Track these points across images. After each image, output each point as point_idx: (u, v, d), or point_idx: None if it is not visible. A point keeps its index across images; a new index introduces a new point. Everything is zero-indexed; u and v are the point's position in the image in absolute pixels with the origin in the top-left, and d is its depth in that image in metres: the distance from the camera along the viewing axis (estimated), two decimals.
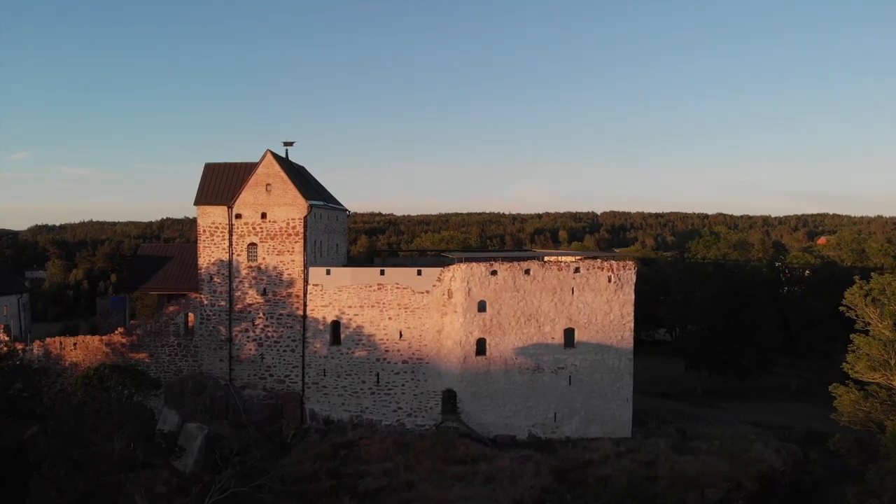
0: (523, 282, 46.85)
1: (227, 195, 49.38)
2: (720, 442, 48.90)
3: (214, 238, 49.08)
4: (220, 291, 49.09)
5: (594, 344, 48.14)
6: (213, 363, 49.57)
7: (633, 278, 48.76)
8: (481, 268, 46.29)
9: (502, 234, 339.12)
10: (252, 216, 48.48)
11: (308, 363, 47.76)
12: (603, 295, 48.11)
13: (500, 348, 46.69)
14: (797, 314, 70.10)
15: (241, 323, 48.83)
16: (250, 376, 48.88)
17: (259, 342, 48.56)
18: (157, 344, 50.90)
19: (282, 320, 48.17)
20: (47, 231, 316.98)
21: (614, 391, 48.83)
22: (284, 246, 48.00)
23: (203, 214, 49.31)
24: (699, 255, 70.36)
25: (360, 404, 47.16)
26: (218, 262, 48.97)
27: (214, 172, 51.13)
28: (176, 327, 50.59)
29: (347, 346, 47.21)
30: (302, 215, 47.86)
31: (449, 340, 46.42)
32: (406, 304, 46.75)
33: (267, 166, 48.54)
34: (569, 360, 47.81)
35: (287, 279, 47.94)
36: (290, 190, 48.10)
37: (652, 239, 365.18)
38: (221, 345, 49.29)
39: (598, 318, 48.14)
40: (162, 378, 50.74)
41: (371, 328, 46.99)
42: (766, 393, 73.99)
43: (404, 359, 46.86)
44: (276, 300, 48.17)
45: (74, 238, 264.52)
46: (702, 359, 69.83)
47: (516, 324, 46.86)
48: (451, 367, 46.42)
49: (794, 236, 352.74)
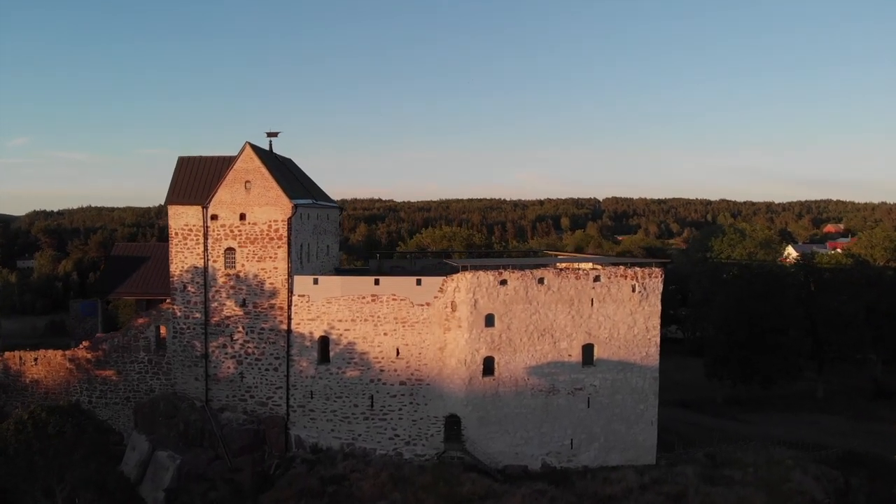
0: (536, 292, 41.35)
1: (202, 193, 43.74)
2: (755, 469, 43.86)
3: (188, 242, 43.51)
4: (195, 302, 43.60)
5: (616, 361, 42.79)
6: (187, 382, 44.20)
7: (660, 287, 43.35)
8: (489, 277, 40.76)
9: (503, 222, 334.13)
10: (229, 217, 42.87)
11: (293, 384, 42.36)
12: (626, 306, 42.69)
13: (510, 368, 41.30)
14: (827, 318, 64.91)
15: (219, 337, 43.38)
16: (229, 397, 43.52)
17: (238, 359, 43.15)
18: (126, 360, 45.50)
19: (263, 335, 42.72)
20: (45, 217, 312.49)
21: (637, 414, 43.59)
22: (266, 251, 42.43)
23: (175, 215, 43.72)
24: (723, 253, 64.87)
25: (352, 431, 41.81)
26: (192, 268, 43.44)
27: (188, 167, 45.44)
28: (146, 341, 45.14)
29: (337, 365, 41.79)
30: (285, 216, 42.25)
31: (452, 359, 41.00)
32: (404, 317, 41.27)
33: (246, 161, 42.84)
34: (587, 379, 42.49)
35: (269, 289, 42.41)
36: (271, 188, 42.44)
37: (656, 226, 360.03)
38: (196, 362, 43.89)
39: (620, 332, 42.75)
40: (132, 397, 45.70)
41: (364, 345, 41.54)
42: (790, 402, 68.96)
43: (402, 380, 41.46)
44: (257, 312, 42.68)
45: (71, 225, 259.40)
46: (724, 366, 64.68)
47: (528, 340, 41.43)
48: (454, 389, 41.03)
49: (800, 223, 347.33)
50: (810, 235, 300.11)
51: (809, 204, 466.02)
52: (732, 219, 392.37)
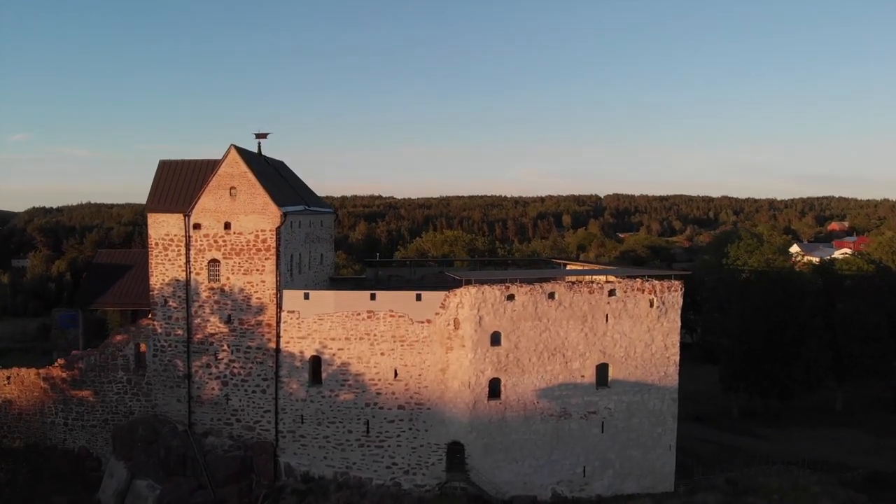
0: (547, 308, 38.02)
1: (185, 200, 40.40)
2: (780, 497, 40.71)
3: (169, 253, 40.19)
4: (177, 318, 40.30)
5: (632, 382, 39.51)
6: (169, 404, 40.94)
7: (680, 301, 40.04)
8: (495, 291, 37.42)
9: (505, 219, 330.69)
10: (213, 226, 39.53)
11: (282, 407, 39.07)
12: (643, 322, 39.39)
13: (517, 390, 38.00)
14: (848, 328, 61.63)
15: (202, 356, 40.08)
16: (213, 421, 40.23)
17: (223, 380, 39.85)
18: (103, 380, 42.29)
19: (250, 354, 39.41)
20: (44, 214, 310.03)
21: (655, 438, 40.33)
22: (252, 263, 39.08)
23: (155, 224, 40.39)
24: (740, 260, 61.55)
25: (347, 459, 38.51)
26: (173, 282, 40.12)
27: (169, 172, 42.10)
28: (124, 360, 41.89)
29: (330, 388, 38.48)
30: (273, 226, 38.90)
31: (455, 381, 37.70)
32: (402, 335, 37.94)
33: (231, 165, 39.47)
34: (601, 402, 39.21)
35: (256, 304, 39.10)
36: (258, 194, 39.08)
37: (658, 223, 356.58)
38: (179, 382, 40.60)
39: (637, 350, 39.46)
40: (110, 420, 42.50)
41: (359, 365, 38.22)
42: (808, 415, 65.79)
43: (400, 403, 38.15)
44: (244, 330, 39.36)
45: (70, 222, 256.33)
46: (741, 378, 61.46)
47: (538, 360, 38.12)
48: (457, 413, 37.74)
49: (804, 221, 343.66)
50: (815, 234, 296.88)
51: (812, 201, 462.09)
52: (734, 216, 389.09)
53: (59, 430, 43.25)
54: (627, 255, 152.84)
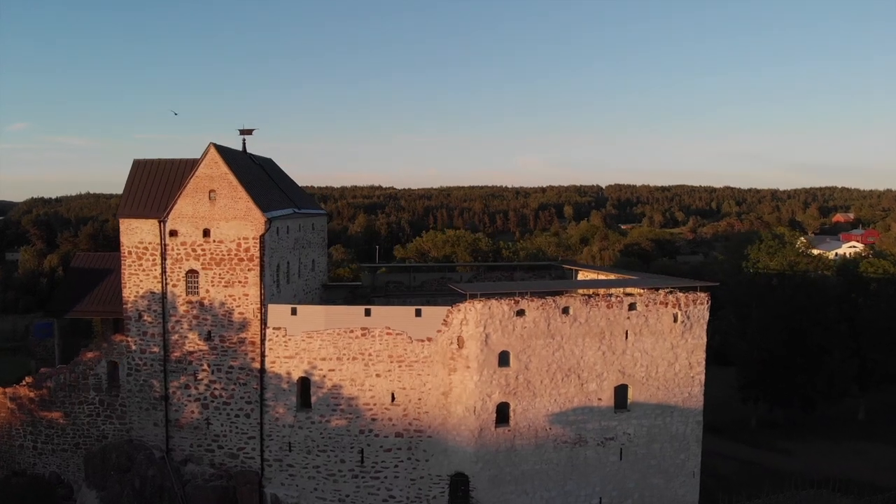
0: (560, 324, 34.31)
1: (160, 204, 36.63)
2: None
3: (143, 262, 36.44)
4: (152, 334, 36.62)
5: (654, 405, 35.91)
6: (145, 427, 37.33)
7: (706, 316, 36.39)
8: (503, 306, 33.69)
9: (506, 210, 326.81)
10: (191, 233, 35.76)
11: (268, 433, 35.45)
12: (666, 339, 35.72)
13: (528, 415, 34.36)
14: (874, 334, 57.99)
15: (180, 376, 36.42)
16: (193, 447, 36.64)
17: (203, 402, 36.22)
18: (74, 400, 38.63)
19: (233, 375, 35.75)
20: (43, 204, 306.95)
21: (678, 465, 36.80)
22: (234, 275, 35.34)
23: (128, 230, 36.63)
24: (761, 263, 57.81)
25: (339, 491, 34.89)
26: (148, 294, 36.41)
27: (144, 173, 38.29)
28: (96, 379, 38.21)
29: (320, 413, 34.82)
30: (257, 233, 35.13)
31: (459, 406, 34.04)
32: (400, 355, 34.25)
33: (210, 166, 35.63)
34: (620, 427, 35.61)
35: (238, 320, 35.39)
36: (241, 198, 35.28)
37: (660, 214, 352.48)
38: (155, 404, 36.97)
39: (659, 370, 35.82)
40: (82, 444, 38.92)
41: (352, 388, 34.55)
42: (830, 426, 62.22)
43: (398, 430, 34.51)
44: (225, 348, 35.68)
45: (68, 213, 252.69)
46: (761, 388, 57.92)
47: (551, 382, 34.46)
48: (461, 441, 34.10)
49: (808, 213, 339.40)
50: (820, 226, 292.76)
51: (814, 191, 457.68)
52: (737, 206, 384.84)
53: (28, 454, 39.67)
54: (631, 249, 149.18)
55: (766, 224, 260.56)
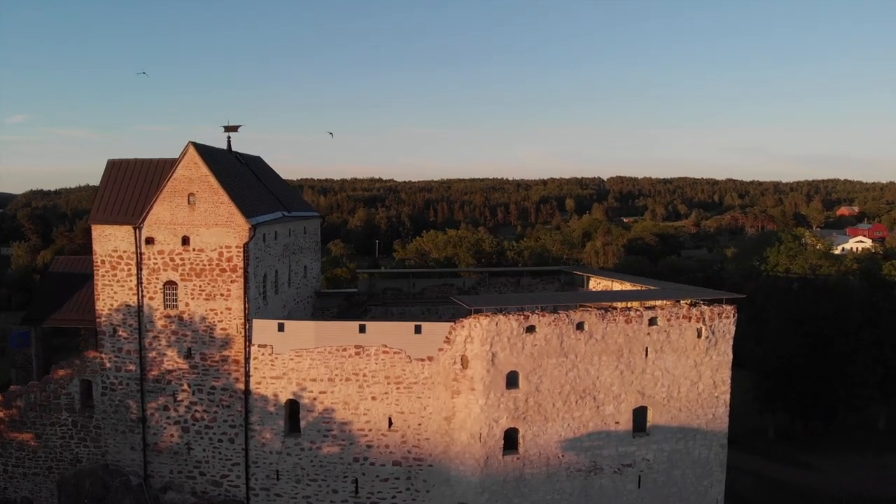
0: (575, 342, 31.23)
1: (136, 209, 33.47)
2: None
3: (117, 273, 33.31)
4: (128, 350, 33.54)
5: (675, 428, 32.90)
6: (121, 451, 34.30)
7: (732, 330, 33.36)
8: (511, 322, 30.59)
9: (507, 203, 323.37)
10: (168, 241, 32.62)
11: (254, 460, 32.42)
12: (689, 356, 32.68)
13: (539, 442, 31.32)
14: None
15: (158, 397, 33.37)
16: (174, 473, 33.62)
17: (184, 426, 33.18)
18: (45, 421, 35.57)
19: (215, 396, 32.69)
20: (42, 197, 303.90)
21: (700, 492, 33.83)
22: (216, 287, 32.22)
23: (101, 238, 33.48)
24: (780, 266, 54.69)
25: None
26: (123, 307, 33.31)
27: (118, 174, 35.11)
28: (69, 399, 35.15)
29: (311, 438, 31.77)
30: (241, 241, 31.98)
31: (463, 432, 30.99)
32: (398, 376, 31.17)
33: (189, 167, 32.43)
34: (638, 452, 32.61)
35: (220, 336, 32.30)
36: (222, 203, 32.11)
37: (663, 207, 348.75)
38: (132, 427, 33.93)
39: (681, 390, 32.79)
40: (55, 468, 35.91)
41: (346, 412, 31.48)
42: (850, 436, 59.31)
43: (396, 458, 31.48)
44: (206, 366, 32.60)
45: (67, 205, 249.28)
46: (780, 398, 54.95)
47: (564, 404, 31.41)
48: (465, 471, 31.08)
49: (812, 206, 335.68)
50: (825, 219, 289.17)
51: (817, 184, 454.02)
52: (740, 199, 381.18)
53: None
54: (635, 244, 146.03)
55: (771, 217, 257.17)
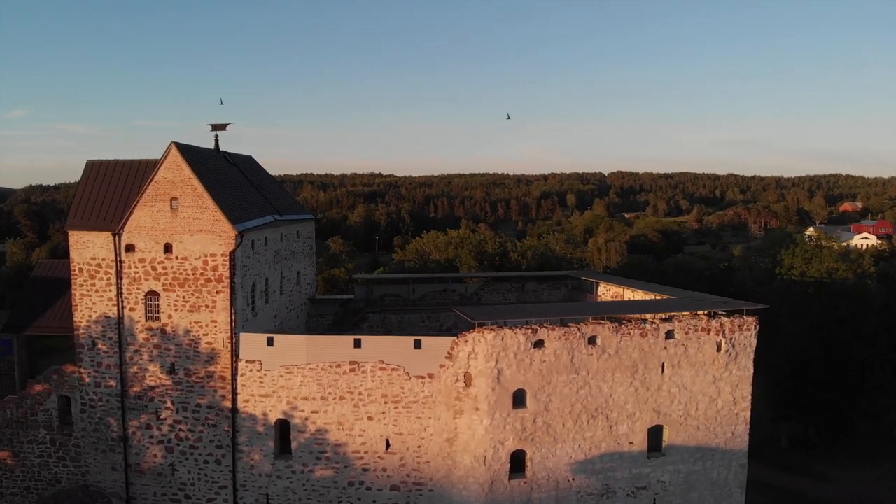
0: (586, 357, 29.06)
1: (115, 214, 31.27)
2: None
3: (96, 282, 31.16)
4: (108, 365, 31.40)
5: (692, 448, 30.77)
6: (102, 472, 32.22)
7: (753, 343, 31.17)
8: (518, 336, 28.42)
9: (508, 199, 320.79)
10: (150, 249, 30.43)
11: (242, 483, 30.32)
12: (708, 371, 30.51)
13: (548, 464, 29.19)
14: None
15: (140, 415, 31.25)
16: (157, 496, 31.53)
17: (167, 445, 31.07)
18: (22, 439, 33.48)
19: (200, 414, 30.57)
20: (42, 191, 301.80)
21: None
22: (200, 298, 30.05)
23: (78, 244, 31.33)
24: (796, 269, 52.48)
25: None
26: (102, 318, 31.16)
27: (97, 176, 32.89)
28: (46, 416, 33.04)
29: (303, 461, 29.65)
30: (227, 249, 29.79)
31: (466, 455, 28.86)
32: (396, 395, 29.03)
33: (171, 170, 30.20)
34: (654, 474, 30.50)
35: (206, 351, 30.15)
36: (207, 208, 29.90)
37: (664, 203, 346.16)
38: (113, 446, 31.84)
39: (699, 407, 30.64)
40: (33, 488, 33.84)
41: (340, 433, 29.35)
42: (865, 445, 57.11)
43: (394, 483, 29.36)
44: (191, 383, 30.47)
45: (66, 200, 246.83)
46: (794, 406, 52.79)
47: (574, 424, 29.28)
48: (469, 496, 28.95)
49: (815, 202, 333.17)
50: (828, 215, 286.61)
51: (819, 179, 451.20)
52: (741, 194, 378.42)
53: None
54: (638, 241, 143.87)
55: (774, 213, 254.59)
